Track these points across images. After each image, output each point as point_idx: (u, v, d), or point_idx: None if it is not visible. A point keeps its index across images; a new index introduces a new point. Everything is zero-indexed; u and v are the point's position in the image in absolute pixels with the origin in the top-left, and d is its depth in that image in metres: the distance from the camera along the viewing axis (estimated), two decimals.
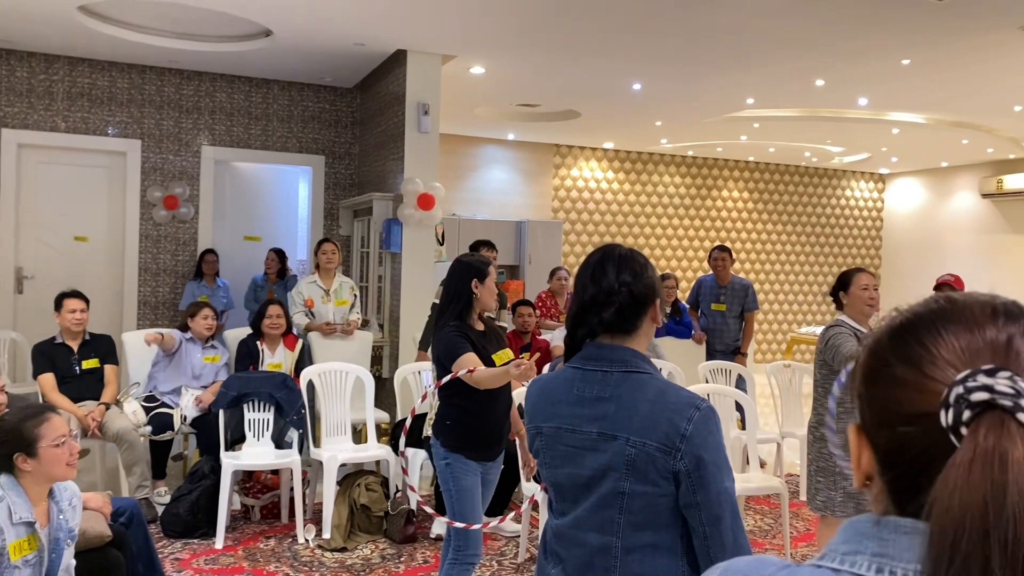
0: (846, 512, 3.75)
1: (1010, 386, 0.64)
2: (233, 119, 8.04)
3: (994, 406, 0.64)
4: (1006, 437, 0.62)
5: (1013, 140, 9.96)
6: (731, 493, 1.56)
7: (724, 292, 6.84)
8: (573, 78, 7.64)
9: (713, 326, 6.82)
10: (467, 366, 2.92)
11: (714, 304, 6.84)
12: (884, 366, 0.73)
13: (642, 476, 1.55)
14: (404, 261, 6.81)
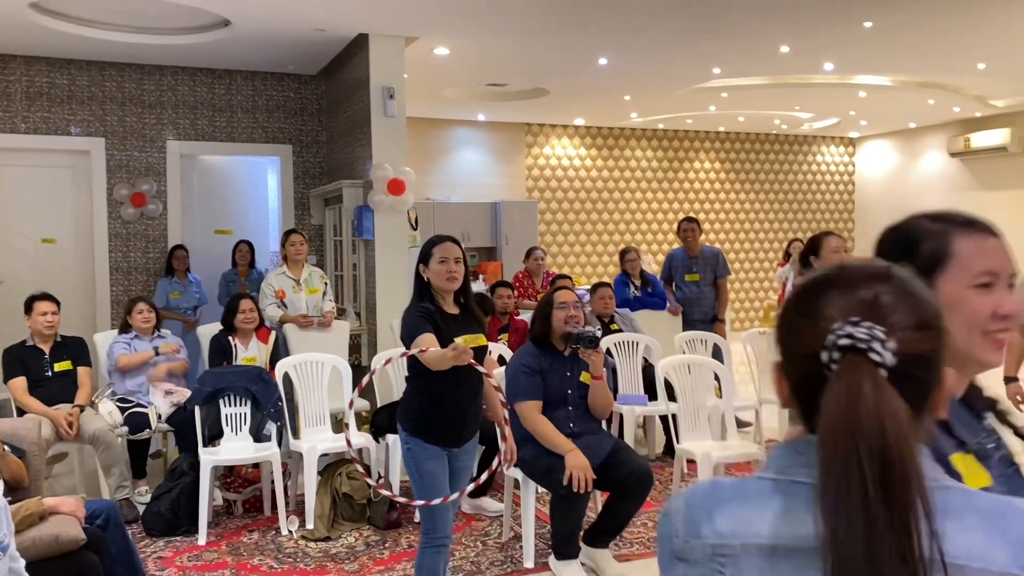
0: None
1: (867, 333, 0.85)
2: (197, 112, 7.94)
3: (855, 349, 0.85)
4: (860, 372, 0.84)
5: (978, 98, 10.03)
6: None
7: (696, 262, 6.90)
8: (539, 56, 7.60)
9: (690, 296, 6.88)
10: (422, 346, 2.89)
11: (687, 275, 6.90)
12: (791, 318, 0.94)
13: None
14: (377, 248, 6.77)
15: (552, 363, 3.93)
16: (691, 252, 6.94)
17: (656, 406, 5.47)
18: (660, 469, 5.46)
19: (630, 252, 7.31)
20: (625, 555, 4.15)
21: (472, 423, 3.19)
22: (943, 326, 0.90)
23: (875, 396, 0.82)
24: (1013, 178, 10.96)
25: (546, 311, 3.97)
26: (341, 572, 3.99)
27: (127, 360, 5.27)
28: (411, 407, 3.12)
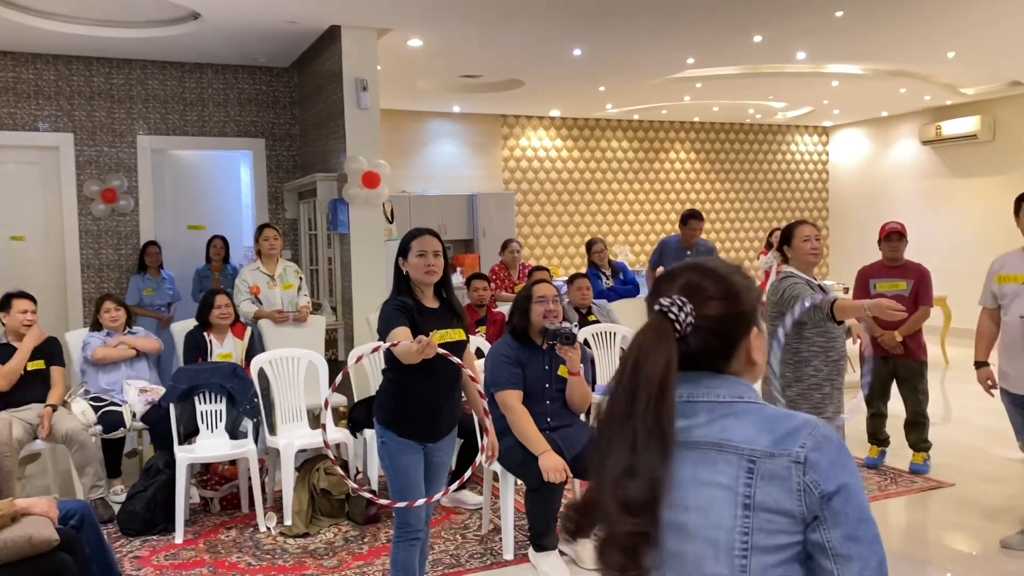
0: None
1: (666, 302, 1.29)
2: (167, 106, 7.84)
3: (661, 310, 1.28)
4: (649, 324, 1.28)
5: (948, 86, 10.13)
6: None
7: (691, 254, 6.88)
8: (513, 46, 7.58)
9: None
10: (395, 340, 2.87)
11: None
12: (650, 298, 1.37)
13: None
14: (353, 241, 6.73)
15: (530, 356, 3.93)
16: (688, 243, 6.92)
17: None
18: None
19: (597, 243, 7.32)
20: None
21: (448, 418, 3.16)
22: (736, 302, 1.31)
23: (646, 335, 1.26)
24: (983, 165, 11.09)
25: (524, 305, 3.96)
26: (320, 568, 3.97)
27: (104, 352, 5.19)
28: (385, 400, 3.10)
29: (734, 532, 1.20)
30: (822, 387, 3.77)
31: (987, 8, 6.65)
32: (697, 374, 1.30)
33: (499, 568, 3.93)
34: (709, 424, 1.26)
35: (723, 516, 1.21)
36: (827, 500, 1.19)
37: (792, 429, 1.22)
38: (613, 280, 7.22)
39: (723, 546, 1.21)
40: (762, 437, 1.22)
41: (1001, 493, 4.74)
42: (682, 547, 1.24)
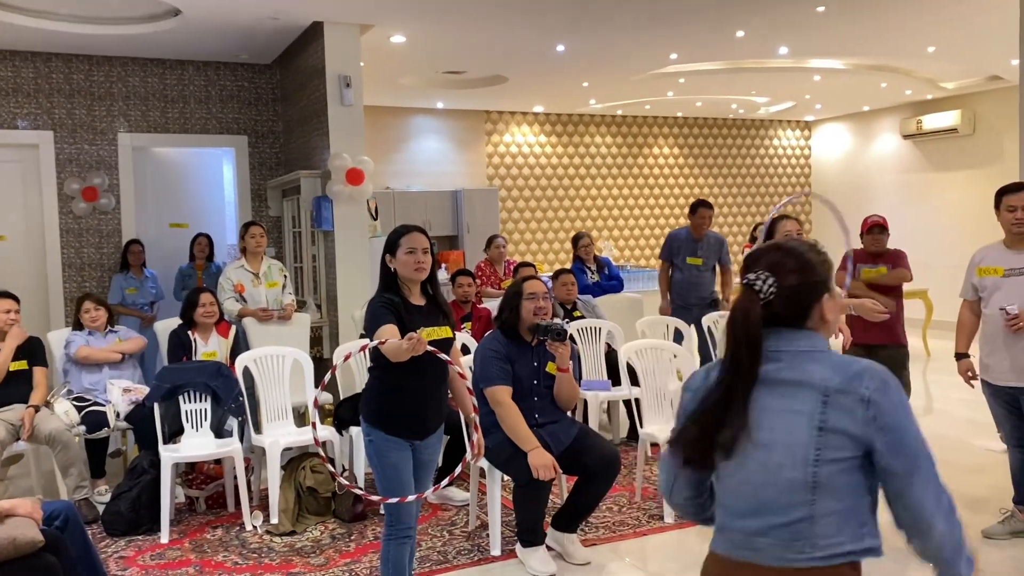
0: None
1: (751, 277, 1.67)
2: (148, 104, 7.78)
3: (748, 283, 1.66)
4: (741, 293, 1.65)
5: (929, 81, 10.21)
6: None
7: (700, 246, 6.76)
8: (496, 43, 7.57)
9: (689, 278, 6.73)
10: (383, 337, 2.87)
11: (690, 258, 6.74)
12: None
13: None
14: (337, 238, 6.71)
15: (519, 353, 3.93)
16: (698, 235, 6.78)
17: (620, 391, 5.51)
18: (625, 453, 5.50)
19: (583, 238, 7.32)
20: (592, 540, 4.18)
21: (435, 416, 3.15)
22: (811, 272, 1.68)
23: (739, 303, 1.65)
24: (963, 159, 11.19)
25: (515, 302, 3.96)
26: (307, 566, 3.96)
27: (88, 351, 5.16)
28: (372, 398, 3.09)
29: (809, 447, 1.57)
30: None
31: (966, 3, 6.70)
32: (783, 330, 1.66)
33: (486, 564, 3.94)
34: (792, 368, 1.63)
35: (800, 435, 1.58)
36: (887, 432, 1.55)
37: (858, 372, 1.58)
38: (598, 275, 7.23)
39: (799, 457, 1.57)
40: (835, 377, 1.58)
41: (982, 484, 4.79)
42: (766, 458, 1.60)
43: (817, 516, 1.57)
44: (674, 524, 4.36)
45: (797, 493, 1.58)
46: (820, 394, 1.57)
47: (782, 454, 1.58)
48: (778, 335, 1.65)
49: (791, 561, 1.58)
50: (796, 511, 1.58)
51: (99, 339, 5.32)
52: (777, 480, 1.59)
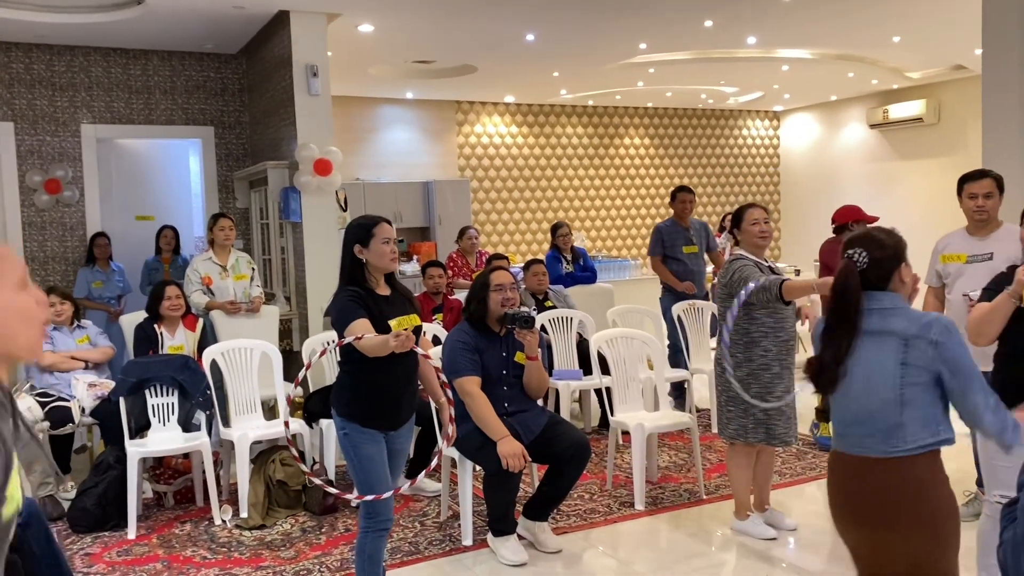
0: (758, 437, 3.88)
1: (851, 251, 2.33)
2: (112, 94, 7.65)
3: (849, 256, 2.34)
4: (843, 265, 2.34)
5: (895, 70, 10.32)
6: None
7: (692, 233, 6.58)
8: (465, 32, 7.53)
9: (691, 268, 6.50)
10: (357, 332, 2.86)
11: (686, 247, 6.52)
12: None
13: None
14: (306, 230, 6.65)
15: (488, 343, 3.92)
16: (685, 223, 6.60)
17: (591, 380, 5.52)
18: (596, 442, 5.52)
19: (563, 227, 7.31)
20: (563, 528, 4.19)
21: (408, 405, 3.15)
22: (889, 249, 2.31)
23: (843, 271, 2.29)
24: (928, 147, 11.34)
25: (482, 293, 3.95)
26: (277, 560, 3.93)
27: (52, 359, 5.06)
28: (345, 392, 3.07)
29: (896, 377, 2.24)
30: (771, 367, 3.83)
31: None
32: (872, 292, 2.30)
33: (458, 554, 3.93)
34: (881, 321, 2.28)
35: (890, 368, 2.25)
36: (948, 364, 2.20)
37: (928, 322, 2.23)
38: (573, 266, 7.24)
39: (889, 384, 2.25)
40: (912, 327, 2.23)
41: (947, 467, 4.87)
42: (867, 384, 2.28)
43: (905, 422, 2.23)
44: (645, 511, 4.39)
45: (890, 407, 2.24)
46: (901, 339, 2.23)
47: (878, 381, 2.25)
48: (869, 296, 2.29)
49: (890, 453, 2.25)
50: (890, 419, 2.24)
51: (65, 334, 5.23)
52: (876, 399, 2.26)
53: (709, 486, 4.73)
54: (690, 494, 4.63)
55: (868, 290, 2.29)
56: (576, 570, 3.78)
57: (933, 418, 2.24)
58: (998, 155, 4.91)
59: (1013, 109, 4.87)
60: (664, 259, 6.56)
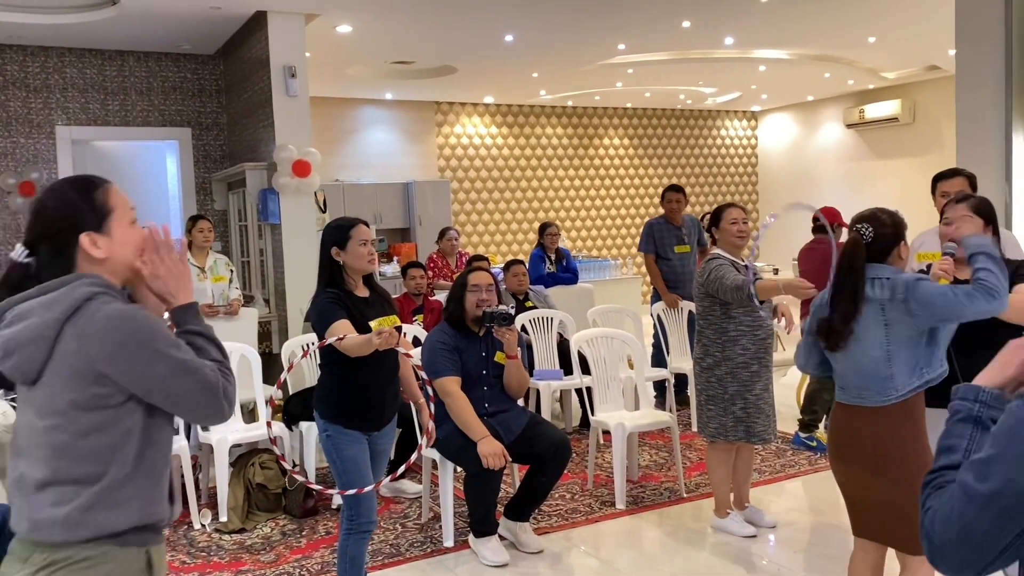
0: (737, 435, 3.90)
1: (858, 225, 2.65)
2: (87, 96, 7.58)
3: (856, 230, 2.64)
4: (851, 238, 2.64)
5: (870, 71, 10.42)
6: None
7: (682, 232, 6.46)
8: (444, 32, 7.52)
9: (680, 269, 6.35)
10: (338, 333, 2.86)
11: (678, 247, 6.40)
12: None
13: None
14: (284, 231, 6.62)
15: (468, 343, 3.92)
16: (677, 221, 6.48)
17: (571, 380, 5.53)
18: (577, 442, 5.53)
19: (551, 227, 7.30)
20: (544, 528, 4.19)
21: (391, 405, 3.15)
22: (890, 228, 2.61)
23: (851, 243, 2.60)
24: (904, 146, 11.46)
25: (459, 293, 3.95)
26: (257, 563, 3.91)
27: None
28: (329, 394, 3.07)
29: (881, 336, 2.56)
30: (750, 365, 3.85)
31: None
32: (875, 264, 2.59)
33: (440, 555, 3.93)
34: (879, 290, 2.56)
35: (876, 329, 2.56)
36: (921, 305, 2.49)
37: (894, 285, 2.54)
38: (555, 266, 7.25)
39: (877, 341, 2.56)
40: (885, 293, 2.55)
41: None
42: (860, 343, 2.58)
43: (894, 374, 2.56)
44: (626, 510, 4.40)
45: (879, 364, 2.57)
46: (879, 304, 2.55)
47: (868, 342, 2.57)
48: (870, 267, 2.59)
49: (882, 402, 2.58)
50: (881, 373, 2.57)
51: None
52: (868, 357, 2.58)
53: (689, 484, 4.75)
54: (671, 493, 4.65)
55: (870, 262, 2.58)
56: (558, 570, 3.78)
57: (917, 362, 2.56)
58: (972, 154, 4.98)
59: (986, 108, 4.94)
60: (656, 258, 6.43)
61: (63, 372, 1.53)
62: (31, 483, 1.55)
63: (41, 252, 1.61)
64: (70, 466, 1.54)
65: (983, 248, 2.56)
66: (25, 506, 1.54)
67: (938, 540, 1.13)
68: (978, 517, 1.09)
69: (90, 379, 1.53)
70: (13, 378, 1.58)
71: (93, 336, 1.52)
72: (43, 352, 1.53)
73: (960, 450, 1.19)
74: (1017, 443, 1.08)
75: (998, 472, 1.09)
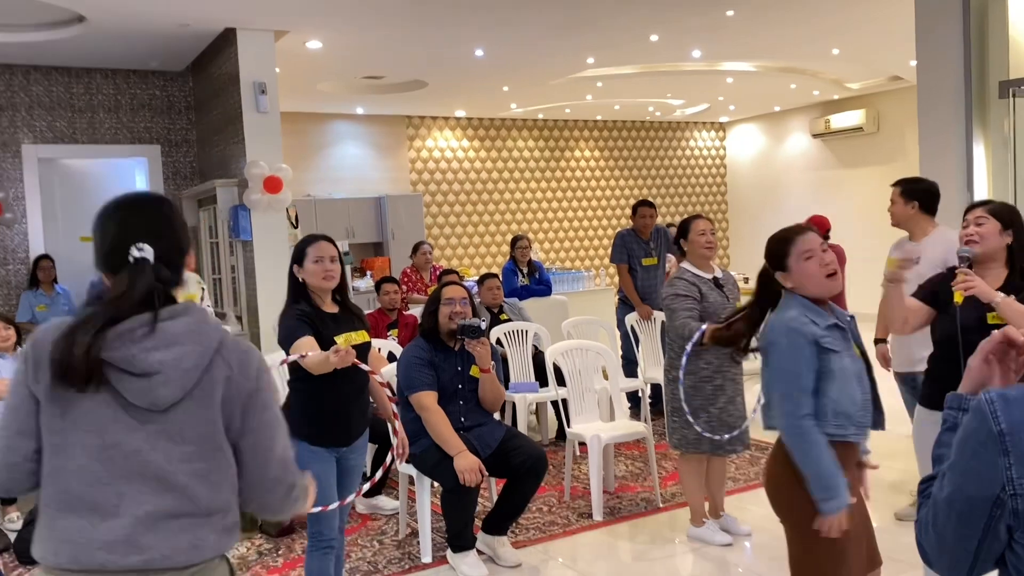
0: (700, 448, 3.93)
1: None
2: (54, 113, 7.50)
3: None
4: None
5: (835, 82, 10.60)
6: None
7: (650, 245, 6.51)
8: (414, 47, 7.55)
9: (649, 282, 6.38)
10: (302, 350, 2.85)
11: (645, 259, 6.45)
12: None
13: None
14: (256, 248, 6.59)
15: (443, 358, 3.93)
16: (646, 236, 6.53)
17: (547, 392, 5.55)
18: (554, 454, 5.54)
19: (522, 240, 7.33)
20: (522, 541, 4.20)
21: (359, 421, 3.14)
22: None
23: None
24: (869, 155, 11.66)
25: (433, 307, 3.96)
26: None
27: None
28: (294, 411, 3.05)
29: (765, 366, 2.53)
30: (713, 379, 3.88)
31: (866, 7, 6.99)
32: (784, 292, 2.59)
33: (417, 571, 3.92)
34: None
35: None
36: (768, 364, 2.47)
37: (763, 329, 2.54)
38: (528, 279, 7.28)
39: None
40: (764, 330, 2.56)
41: (895, 468, 4.99)
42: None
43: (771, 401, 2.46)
44: (603, 522, 4.42)
45: (766, 388, 2.51)
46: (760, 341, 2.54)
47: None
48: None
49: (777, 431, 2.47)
50: (767, 397, 2.49)
51: (9, 361, 5.08)
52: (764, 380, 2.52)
53: (665, 494, 4.79)
54: (647, 503, 4.68)
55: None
56: None
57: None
58: (934, 162, 5.08)
59: (947, 118, 5.04)
60: (628, 268, 6.45)
61: (205, 400, 1.53)
62: (164, 513, 1.50)
63: (173, 264, 1.61)
64: (210, 494, 1.55)
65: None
66: (151, 535, 1.49)
67: (926, 547, 1.18)
68: (945, 525, 1.13)
69: (225, 409, 1.56)
70: (143, 400, 1.50)
71: (240, 366, 1.56)
72: (194, 380, 1.52)
73: (946, 459, 1.22)
74: (964, 452, 1.12)
75: (952, 480, 1.13)
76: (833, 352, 2.33)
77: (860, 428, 2.39)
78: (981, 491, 1.09)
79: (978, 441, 1.10)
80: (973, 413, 1.12)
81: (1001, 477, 1.07)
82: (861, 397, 2.38)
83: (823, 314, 2.39)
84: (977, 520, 1.10)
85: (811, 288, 2.40)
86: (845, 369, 2.34)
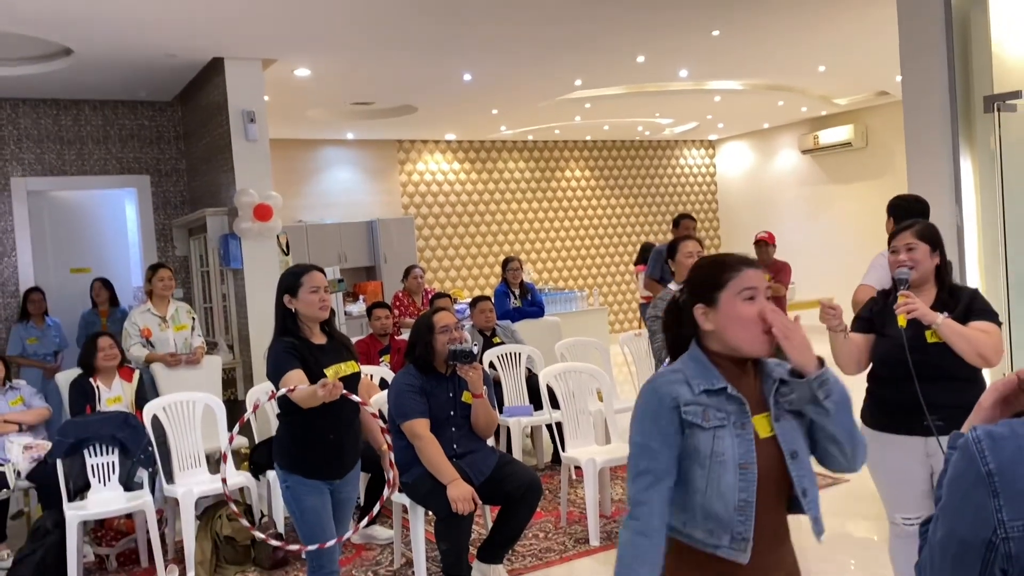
0: None
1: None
2: (43, 146, 7.49)
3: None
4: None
5: (823, 98, 10.67)
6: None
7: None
8: (402, 73, 7.57)
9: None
10: (290, 384, 2.83)
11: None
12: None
13: None
14: (247, 276, 6.57)
15: (435, 385, 3.90)
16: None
17: (541, 415, 5.52)
18: (550, 478, 5.50)
19: (513, 261, 7.32)
20: (519, 569, 4.15)
21: (351, 453, 3.12)
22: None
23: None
24: (857, 171, 11.71)
25: (427, 337, 3.91)
26: None
27: None
28: (285, 444, 3.03)
29: None
30: None
31: (851, 25, 7.04)
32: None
33: None
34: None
35: None
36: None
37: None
38: (521, 300, 7.26)
39: None
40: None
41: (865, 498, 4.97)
42: None
43: None
44: (600, 547, 4.37)
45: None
46: None
47: None
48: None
49: None
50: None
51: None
52: None
53: None
54: None
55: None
56: None
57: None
58: (922, 177, 5.09)
59: (933, 132, 5.06)
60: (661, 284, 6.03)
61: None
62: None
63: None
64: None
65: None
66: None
67: None
68: (942, 568, 1.11)
69: None
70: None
71: None
72: None
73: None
74: (954, 493, 1.09)
75: (944, 523, 1.10)
76: (699, 428, 1.70)
77: (738, 541, 1.69)
78: (973, 534, 1.05)
79: (967, 482, 1.06)
80: (961, 453, 1.08)
81: (992, 519, 1.03)
82: (739, 496, 1.68)
83: (712, 375, 1.75)
84: (972, 563, 1.07)
85: (737, 339, 1.74)
86: (720, 454, 1.69)
